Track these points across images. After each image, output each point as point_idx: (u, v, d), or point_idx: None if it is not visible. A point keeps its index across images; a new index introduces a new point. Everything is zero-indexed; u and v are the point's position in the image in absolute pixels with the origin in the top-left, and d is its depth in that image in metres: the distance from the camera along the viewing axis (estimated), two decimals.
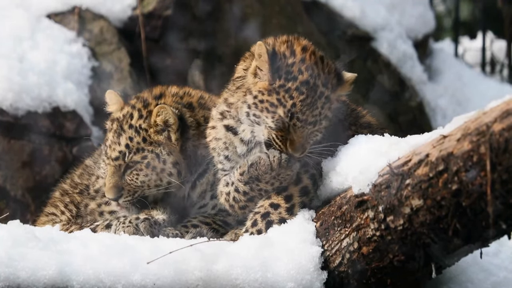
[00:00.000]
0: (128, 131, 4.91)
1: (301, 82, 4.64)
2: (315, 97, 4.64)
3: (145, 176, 4.92)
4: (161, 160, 4.92)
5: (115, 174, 4.91)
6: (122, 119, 4.95)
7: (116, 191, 4.91)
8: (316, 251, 4.49)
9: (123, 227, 4.81)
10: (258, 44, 4.70)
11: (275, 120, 4.63)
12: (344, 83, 4.76)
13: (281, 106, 4.62)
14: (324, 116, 4.67)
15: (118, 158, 4.90)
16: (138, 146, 4.90)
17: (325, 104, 4.67)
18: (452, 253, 4.27)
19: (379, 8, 8.13)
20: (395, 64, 8.07)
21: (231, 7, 7.39)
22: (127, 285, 4.31)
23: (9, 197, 6.50)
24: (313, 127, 4.66)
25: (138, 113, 4.94)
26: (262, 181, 4.69)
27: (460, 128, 4.13)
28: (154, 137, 4.92)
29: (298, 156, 4.63)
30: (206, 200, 5.05)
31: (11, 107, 6.48)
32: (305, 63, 4.68)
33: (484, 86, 8.81)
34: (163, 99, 5.00)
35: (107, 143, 4.95)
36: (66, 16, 7.06)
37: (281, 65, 4.66)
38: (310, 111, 4.64)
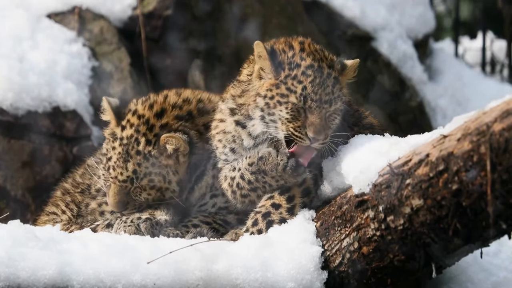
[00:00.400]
0: (136, 157, 4.93)
1: (306, 66, 4.67)
2: (324, 77, 4.66)
3: (148, 195, 4.98)
4: (166, 181, 4.98)
5: (121, 192, 4.96)
6: (127, 143, 4.95)
7: (121, 205, 4.99)
8: (317, 251, 4.49)
9: (124, 226, 4.82)
10: (255, 44, 4.72)
11: (290, 110, 4.64)
12: (347, 68, 4.77)
13: (292, 93, 4.64)
14: (337, 96, 4.68)
15: (126, 181, 4.95)
16: (146, 171, 4.95)
17: (335, 84, 4.69)
18: (452, 253, 4.27)
19: (379, 8, 8.12)
20: (395, 64, 8.07)
21: (231, 7, 7.39)
22: (127, 285, 4.31)
23: (9, 197, 6.49)
24: (329, 107, 4.66)
25: (145, 139, 4.94)
26: (268, 175, 4.70)
27: (460, 128, 4.13)
28: (164, 162, 4.95)
29: (321, 140, 4.61)
30: (206, 199, 5.05)
31: (11, 107, 6.48)
32: (305, 51, 4.71)
33: (484, 86, 8.80)
34: (165, 117, 4.99)
35: (110, 163, 4.95)
36: (66, 16, 7.06)
37: (282, 59, 4.70)
38: (322, 89, 4.65)
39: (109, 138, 5.03)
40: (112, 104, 5.04)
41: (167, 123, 4.96)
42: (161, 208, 4.96)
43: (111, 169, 4.96)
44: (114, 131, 5.01)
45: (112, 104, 5.04)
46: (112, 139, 5.00)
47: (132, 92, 6.89)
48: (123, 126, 5.00)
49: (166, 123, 4.96)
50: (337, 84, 4.70)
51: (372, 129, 4.95)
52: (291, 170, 4.65)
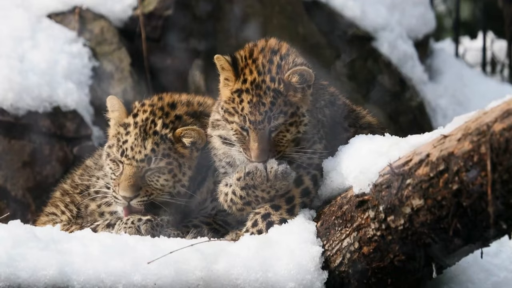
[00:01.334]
0: (154, 137, 4.92)
1: (250, 82, 4.64)
2: (261, 94, 4.62)
3: (165, 181, 4.94)
4: (182, 171, 4.96)
5: (136, 174, 4.91)
6: (143, 125, 4.94)
7: (134, 189, 4.89)
8: (317, 251, 4.49)
9: (125, 227, 4.81)
10: (215, 58, 4.73)
11: (234, 131, 4.68)
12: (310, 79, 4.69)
13: (235, 114, 4.66)
14: (279, 111, 4.63)
15: (143, 160, 4.91)
16: (164, 152, 4.92)
17: (275, 99, 4.63)
18: (453, 253, 4.27)
19: (380, 8, 8.12)
20: (395, 64, 8.07)
21: (231, 7, 7.39)
22: (127, 285, 4.31)
23: (9, 197, 6.50)
24: (269, 124, 4.62)
25: (162, 121, 4.95)
26: (258, 189, 4.69)
27: (461, 128, 4.13)
28: (180, 150, 4.94)
29: (265, 160, 4.61)
30: (206, 204, 5.06)
31: (11, 107, 6.48)
32: (256, 62, 4.69)
33: (484, 86, 8.80)
34: (178, 110, 5.01)
35: (127, 145, 4.92)
36: (67, 16, 7.06)
37: (242, 67, 4.70)
38: (257, 110, 4.62)
39: (119, 129, 4.99)
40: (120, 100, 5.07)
41: (181, 116, 4.99)
42: (162, 209, 4.96)
43: (128, 150, 4.91)
44: (125, 121, 5.00)
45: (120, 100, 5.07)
46: (123, 128, 4.97)
47: (132, 92, 6.89)
48: (134, 114, 5.00)
49: (179, 115, 4.98)
50: (279, 97, 4.63)
51: (371, 128, 4.95)
52: (282, 174, 4.64)
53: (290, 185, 4.68)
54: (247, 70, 4.68)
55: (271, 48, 4.76)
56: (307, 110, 4.71)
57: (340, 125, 4.87)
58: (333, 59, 7.83)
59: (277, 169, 4.62)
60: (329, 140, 4.79)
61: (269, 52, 4.73)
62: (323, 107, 4.85)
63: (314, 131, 4.76)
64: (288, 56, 4.72)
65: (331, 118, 4.85)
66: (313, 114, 4.77)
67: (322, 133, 4.78)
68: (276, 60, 4.70)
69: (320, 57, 7.67)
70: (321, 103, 4.85)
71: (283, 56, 4.72)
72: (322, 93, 4.90)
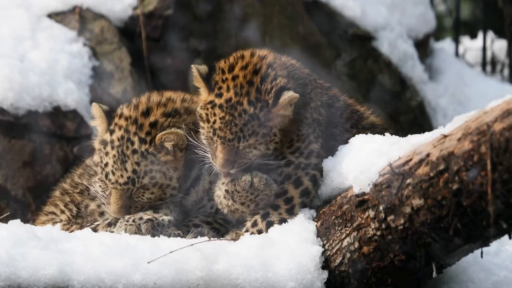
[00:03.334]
0: (133, 156, 4.90)
1: (225, 99, 4.66)
2: (235, 115, 4.63)
3: (151, 194, 4.94)
4: (167, 177, 4.94)
5: (123, 195, 4.92)
6: (120, 145, 4.92)
7: (124, 210, 4.91)
8: (317, 250, 4.49)
9: (126, 225, 4.81)
10: (192, 67, 4.79)
11: (205, 136, 4.73)
12: (278, 104, 4.66)
13: (206, 122, 4.69)
14: (250, 133, 4.64)
15: (127, 183, 4.91)
16: (146, 169, 4.91)
17: (249, 122, 4.63)
18: (453, 252, 4.27)
19: (380, 7, 8.13)
20: (395, 63, 8.07)
21: (231, 6, 7.39)
22: (127, 285, 4.31)
23: (9, 196, 6.50)
24: (238, 144, 4.64)
25: (138, 137, 4.92)
26: (242, 196, 4.72)
27: (461, 128, 4.13)
28: (163, 158, 4.93)
29: (227, 169, 4.65)
30: (204, 202, 5.05)
31: (11, 107, 6.49)
32: (235, 81, 4.68)
33: (484, 86, 8.80)
34: (152, 115, 4.97)
35: (108, 169, 4.91)
36: (67, 15, 7.06)
37: (218, 80, 4.71)
38: (227, 128, 4.63)
39: (100, 146, 4.98)
40: (103, 108, 5.04)
41: (156, 121, 4.95)
42: (164, 208, 4.96)
43: (110, 175, 4.92)
44: (104, 138, 4.99)
45: (103, 108, 5.04)
46: (103, 146, 4.97)
47: (132, 92, 6.90)
48: (111, 130, 4.96)
49: (154, 121, 4.95)
50: (253, 121, 4.64)
51: (374, 128, 4.94)
52: (262, 185, 4.67)
53: (271, 197, 4.70)
54: (225, 85, 4.69)
55: (254, 66, 4.74)
56: (280, 129, 4.71)
57: (340, 126, 4.87)
58: (334, 58, 7.83)
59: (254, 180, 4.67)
60: (327, 140, 4.79)
61: (251, 72, 4.72)
62: (319, 107, 4.84)
63: (310, 130, 4.75)
64: (267, 77, 4.71)
65: (328, 118, 4.84)
66: (306, 114, 4.76)
67: (318, 132, 4.78)
68: (256, 82, 4.69)
69: (320, 57, 7.68)
70: (317, 103, 4.84)
71: (263, 76, 4.71)
72: (319, 93, 4.89)
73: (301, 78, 4.84)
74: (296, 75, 4.82)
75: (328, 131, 4.82)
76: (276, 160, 4.70)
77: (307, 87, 4.83)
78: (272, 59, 4.78)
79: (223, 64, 4.76)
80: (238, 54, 4.78)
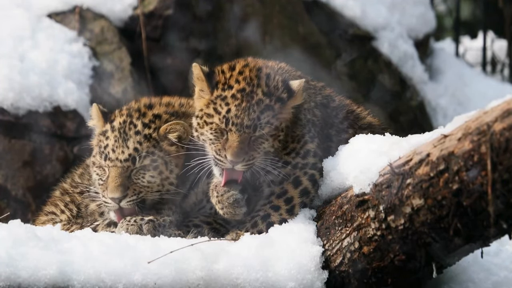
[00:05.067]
0: (136, 136, 4.90)
1: (237, 90, 4.67)
2: (252, 102, 4.64)
3: (151, 177, 4.92)
4: (168, 169, 4.94)
5: (122, 174, 4.90)
6: (122, 127, 4.92)
7: (122, 189, 4.87)
8: (317, 250, 4.49)
9: (127, 224, 4.81)
10: (193, 67, 4.78)
11: (213, 130, 4.68)
12: (294, 94, 4.72)
13: (217, 114, 4.67)
14: (266, 122, 4.64)
15: (127, 160, 4.89)
16: (148, 150, 4.90)
17: (265, 111, 4.65)
18: (453, 252, 4.27)
19: (380, 7, 8.13)
20: (396, 63, 8.07)
21: (231, 6, 7.39)
22: (128, 285, 4.31)
23: (10, 196, 6.50)
24: (253, 132, 4.63)
25: (141, 121, 4.93)
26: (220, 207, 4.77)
27: (461, 128, 4.13)
28: (166, 147, 4.92)
29: (242, 162, 4.62)
30: (203, 203, 5.05)
31: (12, 107, 6.49)
32: (243, 74, 4.70)
33: (484, 86, 8.80)
34: (155, 109, 4.99)
35: (108, 150, 4.91)
36: (67, 15, 7.07)
37: (220, 79, 4.73)
38: (245, 114, 4.63)
39: (99, 137, 4.99)
40: (101, 108, 5.05)
41: (160, 115, 4.96)
42: (165, 209, 4.96)
43: (110, 153, 4.89)
44: (103, 129, 4.99)
45: (101, 108, 5.05)
46: (103, 135, 4.97)
47: (132, 92, 6.90)
48: (111, 120, 4.98)
49: (158, 114, 4.96)
50: (269, 111, 4.65)
51: (371, 128, 4.95)
52: (235, 204, 4.70)
53: (240, 215, 4.73)
54: (232, 80, 4.70)
55: (254, 65, 4.77)
56: (286, 126, 4.72)
57: (336, 127, 4.87)
58: (334, 58, 7.83)
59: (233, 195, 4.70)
60: (323, 140, 4.79)
61: (254, 69, 4.75)
62: (312, 108, 4.85)
63: (304, 131, 4.76)
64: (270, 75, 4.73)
65: (323, 119, 4.84)
66: (300, 115, 4.77)
67: (314, 132, 4.78)
68: (263, 78, 4.71)
69: (320, 57, 7.68)
70: (311, 104, 4.84)
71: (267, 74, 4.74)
72: (312, 94, 4.90)
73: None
74: (286, 78, 4.82)
75: (324, 131, 4.82)
76: (273, 163, 4.70)
77: (304, 88, 4.82)
78: (262, 63, 4.82)
79: (223, 67, 4.78)
80: (232, 62, 4.81)
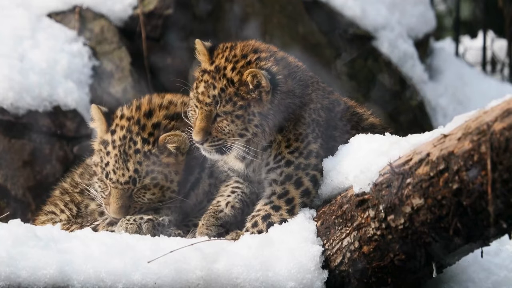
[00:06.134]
0: (135, 156, 4.88)
1: (215, 66, 4.73)
2: (216, 77, 4.69)
3: (152, 195, 4.93)
4: (169, 180, 4.94)
5: (123, 195, 4.91)
6: (122, 144, 4.91)
7: (123, 211, 4.90)
8: (317, 250, 4.49)
9: (127, 223, 4.81)
10: (196, 42, 4.86)
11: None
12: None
13: (193, 90, 4.77)
14: (227, 99, 4.65)
15: (128, 182, 4.90)
16: (147, 169, 4.90)
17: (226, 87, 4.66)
18: (453, 252, 4.27)
19: (380, 7, 8.13)
20: (395, 63, 8.07)
21: (231, 6, 7.39)
22: (127, 284, 4.31)
23: (9, 196, 6.50)
24: (215, 109, 4.65)
25: (141, 137, 4.91)
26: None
27: (461, 127, 4.13)
28: (165, 160, 4.92)
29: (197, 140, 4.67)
30: (204, 204, 5.06)
31: (11, 106, 6.49)
32: (233, 51, 4.75)
33: (484, 85, 8.80)
34: (155, 117, 4.97)
35: (109, 169, 4.91)
36: (67, 15, 7.06)
37: (217, 54, 4.78)
38: (207, 91, 4.69)
39: (100, 147, 4.98)
40: (102, 110, 5.04)
41: (159, 123, 4.95)
42: (164, 209, 4.96)
43: (111, 174, 4.90)
44: (104, 138, 4.98)
45: (102, 110, 5.03)
46: (103, 146, 4.96)
47: (132, 92, 6.90)
48: (112, 130, 4.96)
49: (157, 122, 4.94)
50: (231, 88, 4.67)
51: (373, 129, 4.95)
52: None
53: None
54: (220, 55, 4.74)
55: (253, 46, 4.79)
56: (259, 112, 4.70)
57: (340, 129, 4.87)
58: (333, 58, 7.83)
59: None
60: (326, 141, 4.79)
61: (251, 47, 4.77)
62: (319, 109, 4.84)
63: (308, 130, 4.75)
64: (261, 61, 4.72)
65: (327, 121, 4.84)
66: (304, 114, 4.77)
67: (318, 132, 4.78)
68: (250, 57, 4.72)
69: (320, 57, 7.68)
70: (317, 105, 4.84)
71: (260, 57, 4.74)
72: (320, 96, 4.89)
73: (302, 80, 4.84)
74: (298, 76, 4.83)
75: (328, 132, 4.82)
76: (275, 160, 4.72)
77: (308, 88, 4.83)
78: (280, 55, 4.83)
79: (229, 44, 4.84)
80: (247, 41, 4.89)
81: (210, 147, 4.69)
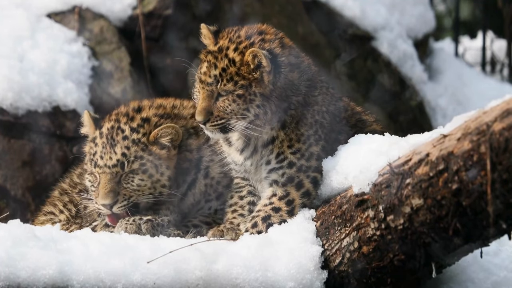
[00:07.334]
0: (123, 142, 4.89)
1: (218, 47, 4.72)
2: (218, 57, 4.68)
3: (141, 181, 4.90)
4: (159, 172, 4.92)
5: (111, 180, 4.89)
6: (109, 133, 4.91)
7: (112, 195, 4.87)
8: (316, 250, 4.49)
9: (126, 224, 4.81)
10: (201, 26, 4.83)
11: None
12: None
13: (197, 73, 4.76)
14: (228, 78, 4.64)
15: (116, 165, 4.88)
16: (136, 154, 4.89)
17: (227, 67, 4.65)
18: (453, 252, 4.27)
19: (380, 7, 8.13)
20: (395, 63, 8.08)
21: (231, 6, 7.39)
22: (127, 285, 4.31)
23: (9, 196, 6.50)
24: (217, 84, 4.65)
25: (129, 127, 4.92)
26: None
27: (460, 128, 4.13)
28: (156, 151, 4.91)
29: (199, 120, 4.67)
30: (201, 204, 5.06)
31: (11, 107, 6.49)
32: (237, 33, 4.74)
33: (484, 86, 8.81)
34: (144, 112, 4.98)
35: (96, 157, 4.91)
36: (66, 15, 7.06)
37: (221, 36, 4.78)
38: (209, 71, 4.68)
39: (90, 145, 4.99)
40: (92, 115, 5.05)
41: (149, 118, 4.95)
42: (163, 209, 4.96)
43: (99, 160, 4.89)
44: (93, 136, 4.99)
45: (92, 116, 5.05)
46: (92, 142, 4.97)
47: (132, 92, 6.90)
48: (100, 126, 4.98)
49: (147, 117, 4.95)
50: (233, 67, 4.64)
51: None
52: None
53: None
54: (225, 37, 4.74)
55: (259, 29, 4.78)
56: (261, 93, 4.68)
57: (345, 133, 4.86)
58: (333, 58, 7.83)
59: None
60: (331, 144, 4.78)
61: (256, 30, 4.76)
62: (323, 112, 4.83)
63: (311, 132, 4.75)
64: (265, 42, 4.72)
65: (332, 125, 4.83)
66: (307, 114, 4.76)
67: (321, 134, 4.77)
68: (254, 38, 4.71)
69: (320, 57, 7.68)
70: (322, 108, 4.83)
71: (264, 38, 4.73)
72: (327, 100, 4.87)
73: (310, 80, 4.82)
74: (306, 74, 4.80)
75: (333, 135, 4.81)
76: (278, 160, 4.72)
77: (315, 90, 4.81)
78: (289, 44, 4.82)
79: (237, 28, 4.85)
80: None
81: (212, 127, 4.67)
